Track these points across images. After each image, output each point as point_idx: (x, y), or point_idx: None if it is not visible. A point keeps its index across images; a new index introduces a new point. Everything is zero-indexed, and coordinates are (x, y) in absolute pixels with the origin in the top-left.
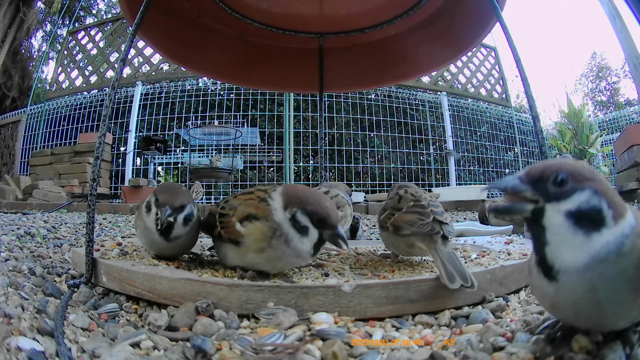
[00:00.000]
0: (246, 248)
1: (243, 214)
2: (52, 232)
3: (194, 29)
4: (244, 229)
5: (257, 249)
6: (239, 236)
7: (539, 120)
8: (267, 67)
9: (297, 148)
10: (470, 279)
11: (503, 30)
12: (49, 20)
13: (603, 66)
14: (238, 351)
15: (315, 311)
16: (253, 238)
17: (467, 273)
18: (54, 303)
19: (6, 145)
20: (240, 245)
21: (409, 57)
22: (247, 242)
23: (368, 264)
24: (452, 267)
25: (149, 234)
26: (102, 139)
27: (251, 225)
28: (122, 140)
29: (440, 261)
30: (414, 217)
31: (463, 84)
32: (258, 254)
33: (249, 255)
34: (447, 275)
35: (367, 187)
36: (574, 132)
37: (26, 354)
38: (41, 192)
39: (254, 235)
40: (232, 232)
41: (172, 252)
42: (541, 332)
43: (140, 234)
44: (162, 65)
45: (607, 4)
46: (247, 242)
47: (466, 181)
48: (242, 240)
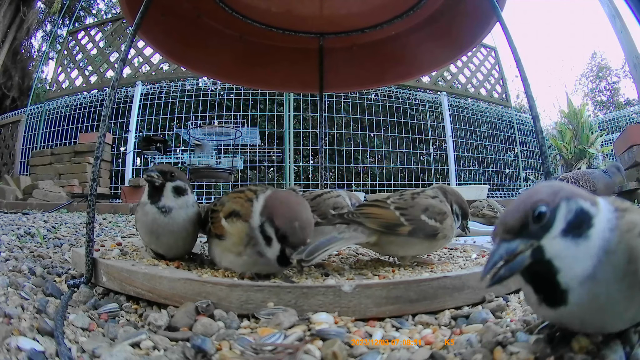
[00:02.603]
0: (227, 248)
1: (228, 210)
2: (52, 232)
3: (194, 29)
4: (228, 225)
5: (236, 251)
6: (223, 232)
7: (539, 120)
8: (267, 67)
9: (297, 148)
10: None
11: (503, 30)
12: (49, 20)
13: (603, 66)
14: (238, 351)
15: (315, 311)
16: (233, 239)
17: None
18: (54, 303)
19: (6, 145)
20: (223, 241)
21: (409, 57)
22: (228, 241)
23: (368, 264)
24: None
25: (142, 213)
26: (102, 139)
27: (233, 224)
28: (122, 140)
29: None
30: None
31: (463, 84)
32: (236, 256)
33: (229, 255)
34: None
35: (367, 187)
36: (574, 132)
37: (26, 354)
38: (41, 192)
39: (235, 236)
40: (218, 227)
41: (169, 237)
42: (540, 332)
43: (138, 222)
44: (162, 65)
45: (607, 4)
46: (228, 243)
47: (466, 181)
48: (224, 237)
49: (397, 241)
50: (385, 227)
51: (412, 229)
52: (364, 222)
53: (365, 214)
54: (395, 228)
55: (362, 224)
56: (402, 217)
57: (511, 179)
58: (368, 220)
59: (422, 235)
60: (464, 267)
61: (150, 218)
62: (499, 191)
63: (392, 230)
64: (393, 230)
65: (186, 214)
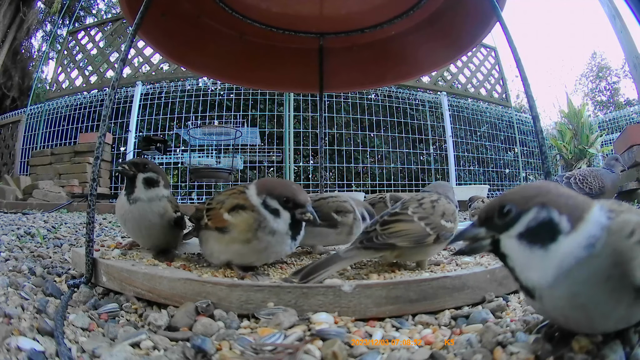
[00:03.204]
0: (232, 238)
1: (231, 205)
2: (52, 232)
3: (194, 29)
4: (232, 217)
5: (243, 239)
6: (226, 224)
7: (539, 120)
8: (267, 67)
9: (297, 148)
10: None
11: (503, 30)
12: (49, 20)
13: (603, 66)
14: (238, 351)
15: (315, 311)
16: (240, 227)
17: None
18: (54, 303)
19: (6, 145)
20: (226, 234)
21: (409, 57)
22: (233, 232)
23: (368, 264)
24: None
25: (118, 202)
26: (102, 139)
27: (238, 215)
28: (122, 140)
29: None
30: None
31: (463, 84)
32: (243, 245)
33: (235, 245)
34: None
35: (367, 187)
36: (574, 132)
37: (26, 354)
38: (41, 192)
39: (242, 224)
40: (219, 220)
41: (133, 224)
42: (539, 331)
43: (116, 211)
44: (162, 65)
45: (607, 4)
46: (234, 232)
47: (466, 181)
48: (228, 229)
49: (421, 251)
50: (416, 241)
51: (437, 237)
52: (397, 243)
53: (394, 233)
54: (424, 240)
55: (394, 245)
56: (427, 227)
57: (511, 179)
58: (399, 239)
59: (444, 239)
60: (464, 267)
61: (120, 206)
62: (499, 191)
63: (421, 242)
64: (422, 243)
65: (152, 205)
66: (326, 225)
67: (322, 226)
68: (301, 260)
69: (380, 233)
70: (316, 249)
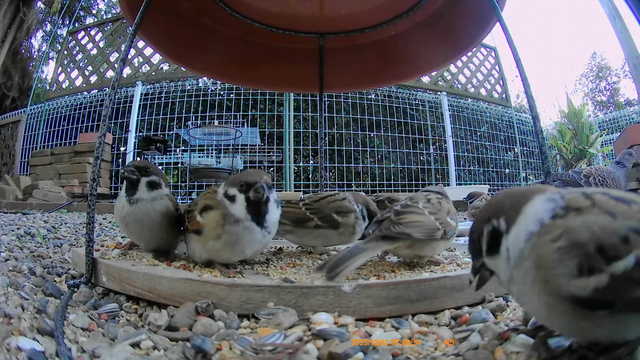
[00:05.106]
0: (205, 236)
1: (202, 206)
2: (52, 232)
3: (194, 29)
4: (202, 218)
5: (214, 235)
6: (200, 226)
7: (539, 120)
8: (267, 67)
9: (297, 148)
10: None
11: (503, 30)
12: (49, 20)
13: (603, 66)
14: (238, 351)
15: (315, 311)
16: (209, 226)
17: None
18: (54, 303)
19: (6, 145)
20: (201, 234)
21: (409, 57)
22: (205, 231)
23: (368, 264)
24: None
25: (117, 204)
26: (102, 139)
27: (207, 215)
28: (122, 140)
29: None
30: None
31: (463, 84)
32: (216, 241)
33: (209, 243)
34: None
35: (367, 187)
36: (574, 132)
37: (26, 354)
38: (41, 192)
39: (210, 222)
40: (194, 223)
41: (135, 225)
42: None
43: (114, 213)
44: (162, 65)
45: (607, 4)
46: (206, 231)
47: (466, 181)
48: (202, 229)
49: (430, 245)
50: (429, 234)
51: (444, 232)
52: (412, 234)
53: (409, 223)
54: (434, 233)
55: (410, 235)
56: (437, 222)
57: (511, 179)
58: (414, 230)
59: (449, 236)
60: (464, 267)
61: (120, 207)
62: (499, 191)
63: (432, 236)
64: (432, 237)
65: (154, 204)
66: (327, 226)
67: (323, 228)
68: (301, 260)
69: (395, 222)
70: (317, 249)
